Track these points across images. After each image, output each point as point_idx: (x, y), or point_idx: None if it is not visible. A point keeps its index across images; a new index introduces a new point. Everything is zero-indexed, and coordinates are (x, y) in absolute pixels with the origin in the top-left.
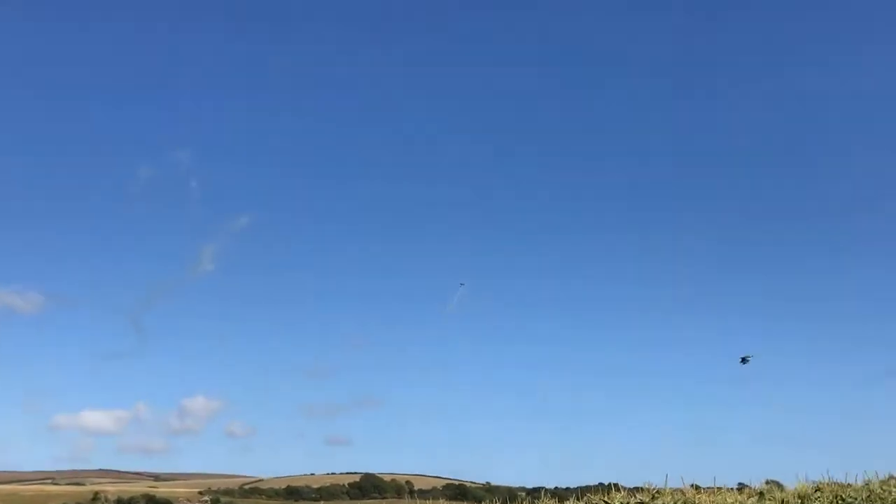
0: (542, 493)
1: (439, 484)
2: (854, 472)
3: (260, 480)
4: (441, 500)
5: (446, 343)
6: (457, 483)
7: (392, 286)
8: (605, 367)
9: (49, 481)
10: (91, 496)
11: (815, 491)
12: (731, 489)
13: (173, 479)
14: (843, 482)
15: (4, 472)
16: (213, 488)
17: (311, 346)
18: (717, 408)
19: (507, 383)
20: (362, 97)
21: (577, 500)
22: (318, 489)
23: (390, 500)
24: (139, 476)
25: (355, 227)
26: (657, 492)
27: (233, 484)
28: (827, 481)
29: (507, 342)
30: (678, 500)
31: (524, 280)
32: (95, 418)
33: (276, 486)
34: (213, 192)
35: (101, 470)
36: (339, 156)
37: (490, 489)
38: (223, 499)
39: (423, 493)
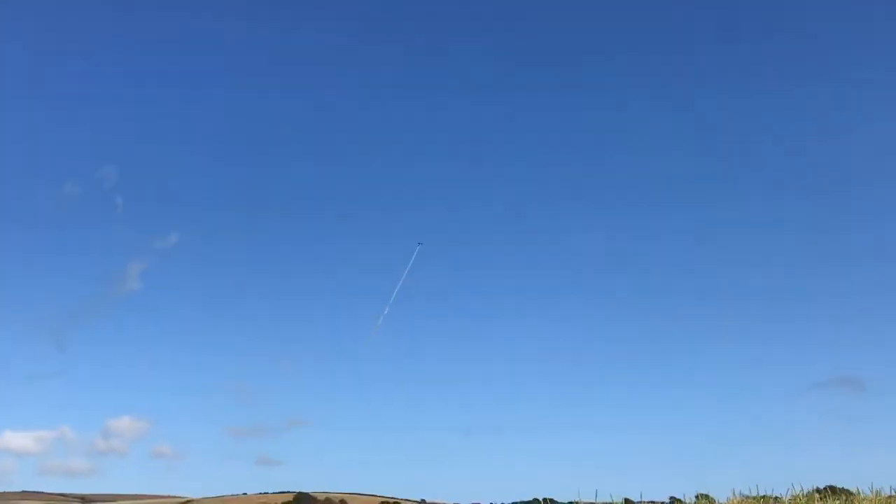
0: None
1: (374, 502)
2: (781, 485)
3: (190, 501)
4: None
5: (376, 359)
6: (392, 501)
7: (320, 305)
8: (540, 380)
9: None
10: None
11: None
12: (663, 503)
13: (101, 501)
14: (771, 495)
15: None
16: None
17: (239, 366)
18: (643, 420)
19: (440, 397)
20: (294, 118)
21: None
22: None
23: None
24: (65, 498)
25: (283, 246)
26: None
27: None
28: (756, 496)
29: (439, 355)
30: None
31: (454, 295)
32: (18, 439)
33: None
34: (141, 210)
35: (24, 492)
36: (269, 174)
37: None
38: None
39: None
